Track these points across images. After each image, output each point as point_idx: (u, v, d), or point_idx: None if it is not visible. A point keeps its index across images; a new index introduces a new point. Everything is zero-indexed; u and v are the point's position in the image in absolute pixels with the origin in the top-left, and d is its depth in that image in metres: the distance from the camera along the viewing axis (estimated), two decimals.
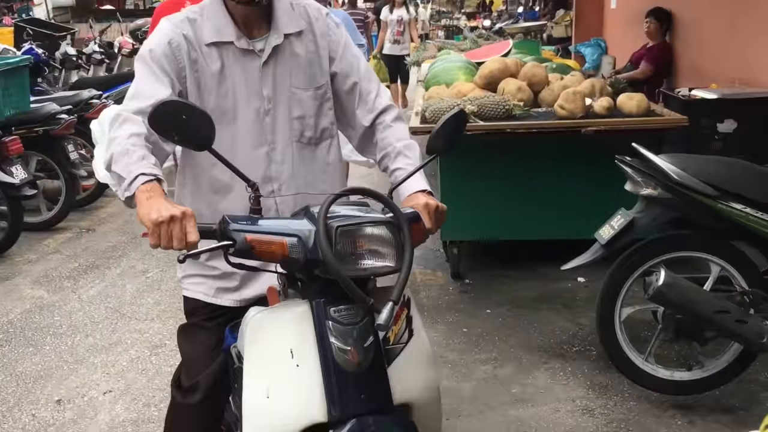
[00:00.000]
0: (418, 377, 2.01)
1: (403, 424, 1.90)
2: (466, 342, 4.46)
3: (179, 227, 1.80)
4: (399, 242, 1.89)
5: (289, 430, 1.87)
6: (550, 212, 5.22)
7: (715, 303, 3.36)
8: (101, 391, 3.97)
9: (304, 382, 1.88)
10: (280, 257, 1.89)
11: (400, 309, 1.97)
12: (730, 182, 3.39)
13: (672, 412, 3.61)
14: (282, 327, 1.94)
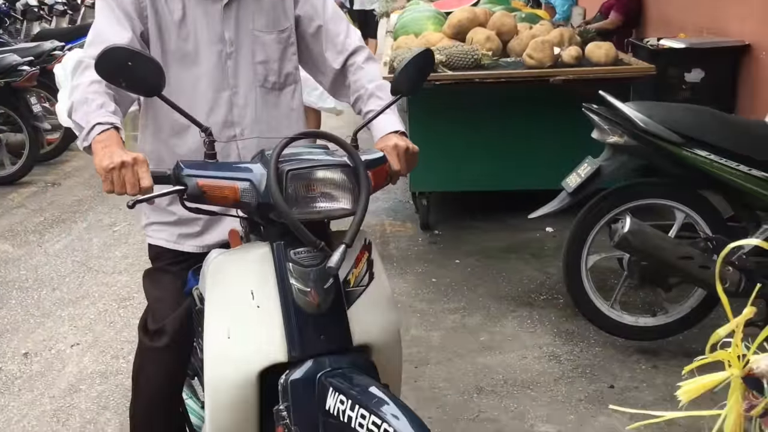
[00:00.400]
0: (378, 319, 2.03)
1: (362, 364, 1.91)
2: (435, 292, 4.49)
3: (131, 173, 1.81)
4: (355, 185, 1.89)
5: (250, 370, 1.89)
6: (519, 162, 5.23)
7: (679, 249, 3.40)
8: (69, 343, 3.95)
9: (265, 323, 1.89)
10: (232, 201, 1.89)
11: (361, 252, 2.00)
12: (695, 129, 3.41)
13: (636, 357, 3.67)
14: (243, 269, 1.94)
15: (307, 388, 1.84)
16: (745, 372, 1.09)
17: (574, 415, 3.24)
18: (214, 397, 1.93)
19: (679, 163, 3.46)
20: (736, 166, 3.36)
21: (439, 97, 4.94)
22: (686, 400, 1.20)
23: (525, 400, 3.36)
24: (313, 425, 1.83)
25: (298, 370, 1.86)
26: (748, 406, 1.10)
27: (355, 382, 1.81)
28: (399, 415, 1.67)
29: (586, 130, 3.75)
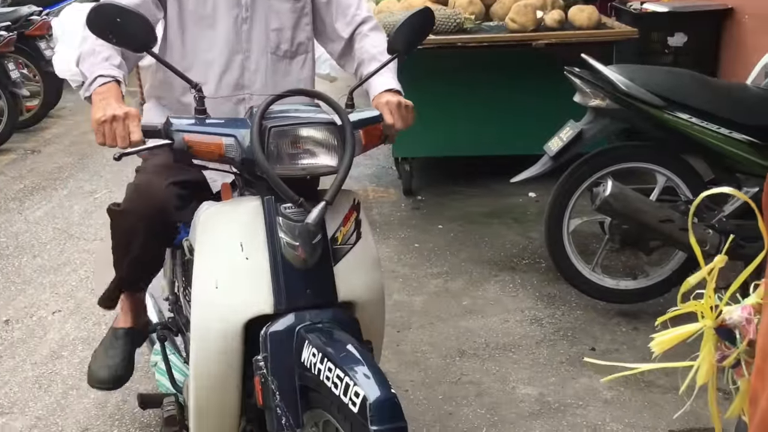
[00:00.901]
0: (363, 277, 2.07)
1: (344, 320, 1.95)
2: (418, 257, 4.49)
3: (122, 126, 1.88)
4: (341, 143, 1.92)
5: (236, 320, 1.93)
6: (502, 128, 5.22)
7: (660, 212, 3.42)
8: (50, 310, 3.93)
9: (253, 274, 1.93)
10: (217, 156, 1.94)
11: (350, 212, 2.04)
12: (677, 92, 3.41)
13: (617, 320, 3.70)
14: (233, 221, 1.99)
15: (285, 341, 1.88)
16: (717, 323, 1.10)
17: (555, 377, 3.27)
18: (200, 345, 1.97)
19: (660, 127, 3.46)
20: (717, 128, 3.37)
21: (421, 62, 4.89)
22: (659, 351, 1.21)
23: (507, 362, 3.38)
24: (289, 376, 1.87)
25: (278, 323, 1.90)
26: (721, 356, 1.11)
27: (332, 338, 1.85)
28: (368, 374, 1.70)
29: (568, 95, 3.75)
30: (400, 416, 1.66)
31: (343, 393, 1.69)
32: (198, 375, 2.01)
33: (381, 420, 1.62)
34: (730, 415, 1.10)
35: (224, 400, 2.03)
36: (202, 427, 2.09)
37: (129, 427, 2.97)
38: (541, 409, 3.05)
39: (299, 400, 1.88)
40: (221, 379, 2.00)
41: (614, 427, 2.93)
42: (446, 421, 2.98)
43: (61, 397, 3.17)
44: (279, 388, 1.87)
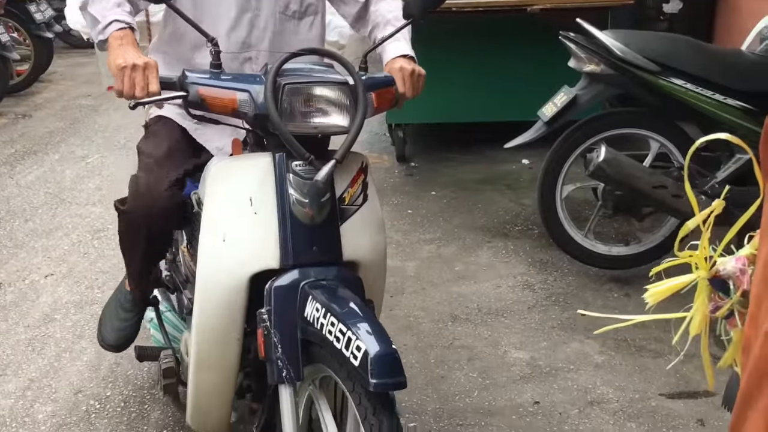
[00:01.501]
0: (368, 238, 2.09)
1: (348, 278, 1.97)
2: (411, 223, 4.50)
3: (141, 76, 1.89)
4: (353, 104, 1.94)
5: (242, 274, 1.96)
6: (497, 94, 5.20)
7: (653, 178, 3.42)
8: (42, 274, 3.93)
9: (261, 229, 1.95)
10: (231, 111, 1.95)
11: (358, 174, 2.06)
12: (672, 58, 3.40)
13: (609, 286, 3.72)
14: (243, 175, 2.00)
15: (289, 295, 1.91)
16: (711, 274, 1.10)
17: (546, 341, 3.29)
18: (204, 297, 2.00)
19: (655, 92, 3.45)
20: (711, 95, 3.36)
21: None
22: (653, 302, 1.22)
23: (499, 327, 3.40)
24: (291, 330, 1.90)
25: (283, 278, 1.93)
26: (714, 307, 1.11)
27: (336, 295, 1.88)
28: (370, 330, 1.72)
29: (563, 61, 3.73)
30: (400, 371, 1.68)
31: (345, 347, 1.71)
32: (201, 327, 2.03)
33: (381, 374, 1.65)
34: (722, 365, 1.11)
35: (225, 353, 2.06)
36: (201, 379, 2.12)
37: (122, 388, 2.99)
38: (532, 373, 3.07)
39: (300, 354, 1.90)
40: (223, 331, 2.02)
41: (604, 391, 2.95)
42: (438, 384, 3.00)
43: (54, 360, 3.18)
44: (281, 341, 1.89)
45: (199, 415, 2.22)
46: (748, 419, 0.64)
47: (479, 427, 2.76)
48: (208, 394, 2.15)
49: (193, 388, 2.15)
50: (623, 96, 3.69)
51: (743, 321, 0.97)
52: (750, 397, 0.63)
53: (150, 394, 2.94)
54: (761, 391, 0.62)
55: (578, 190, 3.91)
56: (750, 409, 0.63)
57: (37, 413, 2.85)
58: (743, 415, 0.64)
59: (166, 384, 2.47)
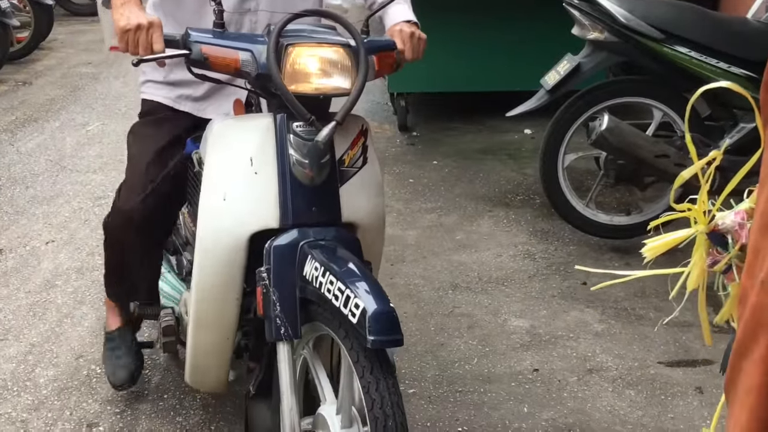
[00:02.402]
0: (367, 201, 2.10)
1: (347, 239, 1.98)
2: (412, 192, 4.49)
3: (145, 35, 1.89)
4: (354, 66, 1.94)
5: (242, 233, 1.97)
6: (499, 63, 5.17)
7: (656, 147, 3.41)
8: (43, 240, 3.93)
9: (261, 188, 1.97)
10: (233, 70, 1.96)
11: (358, 136, 2.07)
12: (676, 25, 3.37)
13: (609, 255, 3.72)
14: (244, 135, 2.01)
15: (288, 255, 1.92)
16: (710, 228, 1.10)
17: (546, 310, 3.29)
18: (205, 255, 2.01)
19: (659, 60, 3.43)
20: (716, 63, 3.34)
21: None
22: (651, 256, 1.22)
23: (499, 296, 3.40)
24: (290, 288, 1.92)
25: (282, 237, 1.94)
26: (712, 261, 1.11)
27: (335, 254, 1.89)
28: (368, 289, 1.73)
29: (567, 30, 3.69)
30: (397, 329, 1.71)
31: (343, 305, 1.73)
32: (200, 286, 2.04)
33: (379, 331, 1.66)
34: (719, 319, 1.10)
35: (223, 312, 2.08)
36: (200, 337, 2.14)
37: None
38: (531, 341, 3.08)
39: (298, 312, 1.92)
40: (223, 289, 2.04)
41: (604, 359, 2.96)
42: (438, 351, 3.01)
43: (55, 325, 3.19)
44: (280, 299, 1.91)
45: (198, 374, 2.25)
46: (743, 370, 0.63)
47: (478, 394, 2.77)
48: (206, 353, 2.18)
49: (192, 346, 2.18)
50: (627, 64, 3.66)
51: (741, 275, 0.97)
52: (745, 347, 0.62)
53: (150, 359, 2.95)
54: (756, 340, 0.61)
55: (580, 159, 3.90)
56: (745, 359, 0.63)
57: (38, 377, 2.86)
58: (738, 366, 0.64)
59: (166, 342, 2.49)
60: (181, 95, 2.41)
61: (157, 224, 2.44)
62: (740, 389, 0.63)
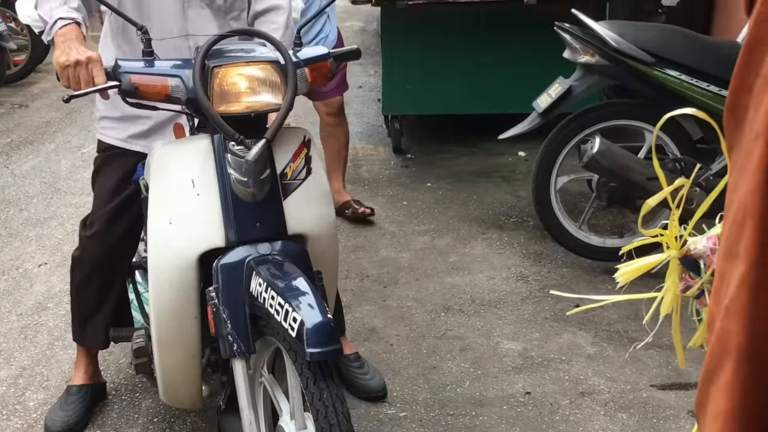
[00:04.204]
0: (314, 211, 2.13)
1: (293, 252, 2.01)
2: (406, 214, 4.49)
3: (85, 71, 1.93)
4: (283, 81, 1.98)
5: (190, 254, 2.01)
6: (493, 86, 5.19)
7: (647, 170, 3.42)
8: (36, 263, 3.93)
9: (205, 209, 2.01)
10: (164, 97, 1.99)
11: (299, 148, 2.10)
12: (667, 49, 3.39)
13: (602, 278, 3.71)
14: (185, 159, 2.05)
15: (235, 272, 1.97)
16: (682, 253, 1.10)
17: (539, 332, 3.29)
18: (157, 277, 2.05)
19: (649, 83, 3.45)
20: (706, 86, 3.36)
21: (412, 20, 4.87)
22: (624, 281, 1.22)
23: (492, 318, 3.40)
24: (239, 306, 1.96)
25: (229, 255, 1.99)
26: (685, 286, 1.11)
27: (280, 269, 1.93)
28: (307, 302, 1.77)
29: (559, 53, 3.71)
30: (335, 340, 1.75)
31: (283, 319, 1.78)
32: (157, 307, 2.08)
33: (316, 343, 1.71)
34: (693, 344, 1.10)
35: (184, 331, 2.10)
36: (165, 357, 2.16)
37: (114, 377, 2.99)
38: (524, 364, 3.07)
39: (249, 328, 1.96)
40: (179, 311, 2.07)
41: (596, 382, 2.95)
42: (430, 374, 3.00)
43: (46, 348, 3.18)
44: (230, 316, 1.95)
45: (170, 392, 2.27)
46: (710, 395, 0.63)
47: (470, 417, 2.76)
48: (174, 372, 2.20)
49: (160, 367, 2.20)
50: (620, 87, 3.68)
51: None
52: (711, 373, 0.63)
53: (141, 382, 2.94)
54: (722, 367, 0.61)
55: (573, 182, 3.91)
56: (712, 386, 0.63)
57: (28, 401, 2.85)
58: (706, 392, 0.64)
59: (138, 363, 2.51)
60: (131, 134, 2.48)
61: (120, 250, 2.56)
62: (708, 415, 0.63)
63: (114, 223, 2.50)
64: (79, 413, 2.70)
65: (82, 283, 2.63)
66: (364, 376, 2.86)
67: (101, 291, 2.63)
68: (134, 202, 2.48)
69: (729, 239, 0.62)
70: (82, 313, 2.68)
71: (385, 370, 2.99)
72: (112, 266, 2.59)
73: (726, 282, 0.61)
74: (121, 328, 2.71)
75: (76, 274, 2.64)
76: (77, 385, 2.77)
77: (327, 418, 1.77)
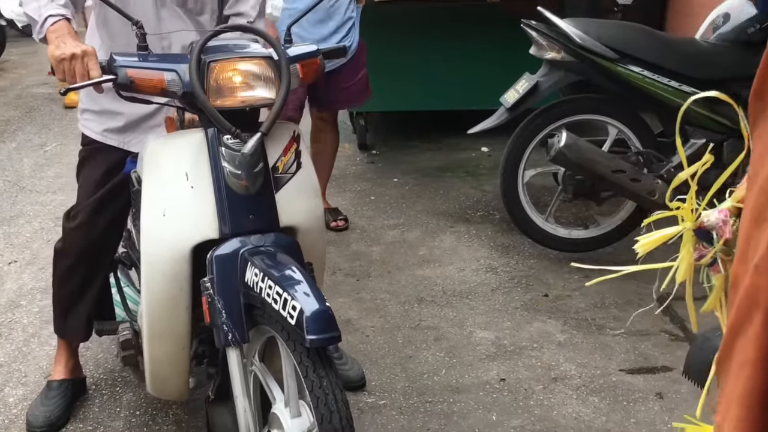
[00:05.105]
0: (304, 204, 2.18)
1: (285, 243, 2.06)
2: (374, 209, 4.56)
3: (81, 64, 1.96)
4: (277, 76, 2.02)
5: (183, 246, 2.04)
6: (458, 83, 5.27)
7: (612, 163, 3.53)
8: (6, 261, 3.90)
9: (198, 202, 2.04)
10: (159, 91, 2.02)
11: (290, 143, 2.16)
12: (630, 45, 3.50)
13: (569, 268, 3.81)
14: (178, 152, 2.08)
15: (230, 263, 2.00)
16: (696, 225, 1.19)
17: (510, 321, 3.38)
18: (150, 270, 2.08)
19: (613, 79, 3.56)
20: (667, 81, 3.48)
21: (377, 16, 4.92)
22: (643, 252, 1.31)
23: (464, 309, 3.48)
24: (234, 296, 2.00)
25: (223, 247, 2.02)
26: (698, 256, 1.20)
27: (274, 260, 1.97)
28: (305, 291, 1.81)
29: (524, 50, 3.81)
30: (334, 327, 1.79)
31: (282, 307, 1.81)
32: (149, 300, 2.11)
33: (316, 330, 1.75)
34: (705, 309, 1.19)
35: (175, 323, 2.14)
36: (155, 348, 2.19)
37: (93, 371, 3.00)
38: (497, 352, 3.15)
39: (244, 317, 2.01)
40: (172, 302, 2.10)
41: (568, 368, 3.05)
42: (406, 363, 3.07)
43: (22, 345, 3.17)
44: (225, 306, 1.98)
45: (158, 383, 2.30)
46: (736, 347, 0.71)
47: (448, 404, 2.83)
48: (163, 364, 2.23)
49: (149, 358, 2.23)
50: (579, 84, 3.79)
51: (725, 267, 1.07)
52: (739, 326, 0.70)
53: (121, 377, 2.96)
54: (751, 320, 0.69)
55: (537, 176, 4.00)
56: (739, 338, 0.70)
57: (7, 397, 2.85)
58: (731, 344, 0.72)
59: (125, 356, 2.54)
60: (107, 129, 2.51)
61: (104, 242, 2.58)
62: (734, 364, 0.70)
63: (98, 215, 2.52)
64: (60, 408, 2.72)
65: (64, 275, 2.64)
66: (343, 367, 2.91)
67: (84, 283, 2.63)
68: (118, 195, 2.51)
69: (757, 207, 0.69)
70: (64, 305, 2.69)
71: (362, 360, 3.05)
72: (95, 258, 2.61)
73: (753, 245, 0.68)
74: (105, 322, 2.73)
75: (59, 265, 2.65)
76: (58, 380, 2.78)
77: (327, 405, 1.81)
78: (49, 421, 2.67)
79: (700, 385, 1.52)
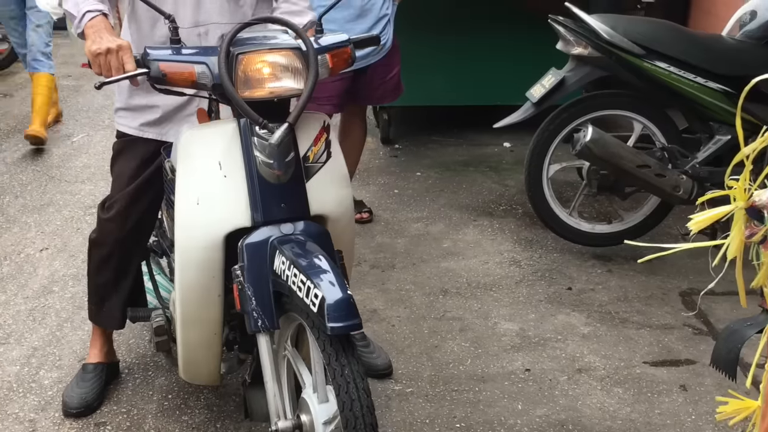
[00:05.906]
0: (334, 193, 2.23)
1: (315, 231, 2.11)
2: (398, 202, 4.60)
3: (116, 58, 2.02)
4: (305, 67, 2.06)
5: (216, 234, 2.09)
6: (482, 78, 5.29)
7: (637, 158, 3.56)
8: (37, 248, 3.97)
9: (231, 191, 2.09)
10: (191, 83, 2.07)
11: (320, 133, 2.20)
12: (656, 42, 3.53)
13: (592, 262, 3.85)
14: (211, 142, 2.14)
15: (259, 251, 2.05)
16: (748, 204, 1.23)
17: (534, 314, 3.41)
18: (184, 258, 2.13)
19: (639, 75, 3.58)
20: (693, 78, 3.50)
21: (402, 10, 4.95)
22: (696, 230, 1.35)
23: (488, 300, 3.52)
24: (263, 283, 2.04)
25: (253, 235, 2.07)
26: (750, 233, 1.24)
27: (302, 248, 2.01)
28: (328, 279, 1.86)
29: (550, 45, 3.83)
30: (355, 314, 1.83)
31: (306, 295, 1.87)
32: (183, 286, 2.16)
33: (337, 318, 1.80)
34: (755, 284, 1.23)
35: (208, 309, 2.20)
36: (188, 335, 2.26)
37: (125, 356, 3.06)
38: (522, 343, 3.20)
39: (273, 305, 2.05)
40: (205, 289, 2.16)
41: (592, 359, 3.08)
42: (432, 353, 3.12)
43: (56, 329, 3.24)
44: (254, 293, 2.04)
45: (191, 369, 2.37)
46: None
47: (474, 393, 2.87)
48: (196, 349, 2.29)
49: (182, 344, 2.29)
50: (609, 78, 3.81)
51: None
52: None
53: (153, 361, 3.02)
54: None
55: (561, 172, 4.03)
56: None
57: (43, 379, 2.92)
58: None
59: (158, 341, 2.61)
60: (143, 123, 2.56)
61: (138, 232, 2.65)
62: None
63: (133, 205, 2.58)
64: (95, 390, 2.78)
65: (100, 265, 2.70)
66: (370, 355, 2.96)
67: (118, 272, 2.70)
68: (152, 186, 2.57)
69: None
70: (98, 295, 2.75)
71: (389, 349, 3.09)
72: (129, 248, 2.67)
73: None
74: (138, 308, 2.79)
75: (94, 255, 2.72)
76: (93, 363, 2.85)
77: (348, 393, 1.86)
78: (85, 402, 2.74)
79: (729, 376, 1.57)
